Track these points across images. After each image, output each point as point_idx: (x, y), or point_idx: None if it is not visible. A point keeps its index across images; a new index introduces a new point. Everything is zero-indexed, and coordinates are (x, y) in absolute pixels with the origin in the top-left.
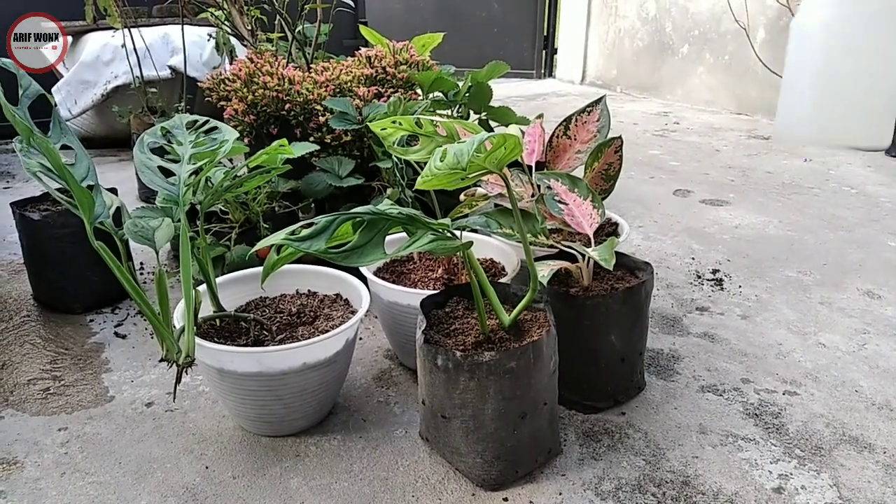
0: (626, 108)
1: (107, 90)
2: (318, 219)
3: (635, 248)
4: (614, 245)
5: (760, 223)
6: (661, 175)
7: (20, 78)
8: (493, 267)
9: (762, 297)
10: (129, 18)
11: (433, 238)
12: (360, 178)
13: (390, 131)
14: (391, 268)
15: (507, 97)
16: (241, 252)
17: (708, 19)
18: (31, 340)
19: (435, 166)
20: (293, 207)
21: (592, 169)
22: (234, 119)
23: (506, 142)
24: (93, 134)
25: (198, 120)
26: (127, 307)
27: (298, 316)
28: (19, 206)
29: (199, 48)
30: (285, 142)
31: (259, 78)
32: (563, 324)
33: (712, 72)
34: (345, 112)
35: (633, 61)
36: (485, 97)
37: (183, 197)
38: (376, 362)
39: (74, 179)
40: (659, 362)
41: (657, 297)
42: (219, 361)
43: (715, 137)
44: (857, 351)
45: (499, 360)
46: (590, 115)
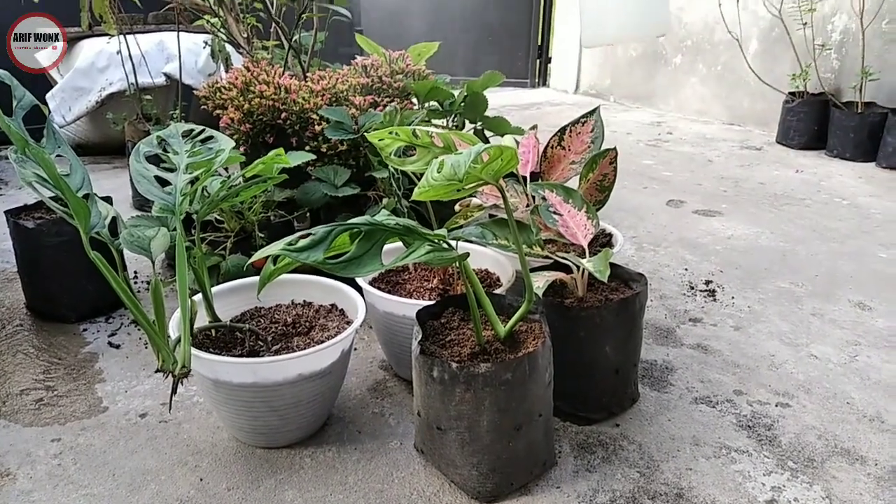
0: (619, 118)
1: (101, 97)
2: (316, 229)
3: (629, 258)
4: (609, 257)
5: (753, 234)
6: (654, 185)
7: (14, 89)
8: (488, 277)
9: (755, 308)
10: (124, 25)
11: (430, 249)
12: (356, 187)
13: (387, 142)
14: (387, 277)
15: (502, 106)
16: (236, 261)
17: (701, 30)
18: (24, 350)
19: (432, 177)
20: (289, 217)
21: (587, 180)
22: (230, 127)
23: (502, 154)
24: (87, 141)
25: (194, 129)
26: (121, 316)
27: (294, 326)
28: (13, 214)
29: (194, 55)
30: (282, 151)
31: (255, 87)
32: (557, 335)
33: (705, 82)
34: (341, 122)
35: (626, 71)
36: (480, 107)
37: (179, 207)
38: (371, 373)
39: (70, 189)
40: (653, 373)
41: (651, 308)
42: (214, 372)
43: (707, 148)
44: (848, 363)
45: (495, 372)
46: (584, 126)
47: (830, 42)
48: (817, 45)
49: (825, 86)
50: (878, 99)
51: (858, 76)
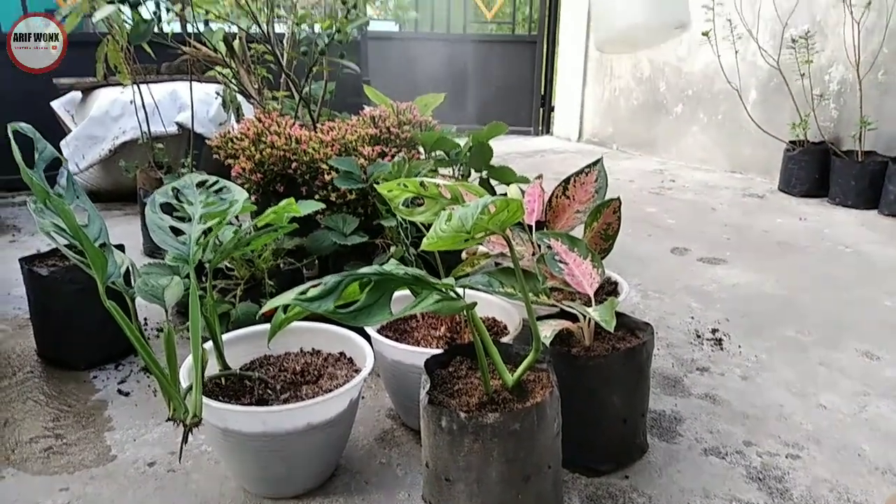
0: (622, 166)
1: (115, 145)
2: (327, 279)
3: (634, 306)
4: (614, 306)
5: (757, 282)
6: (658, 232)
7: (36, 141)
8: (495, 325)
9: (761, 356)
10: (138, 75)
11: (439, 298)
12: (364, 235)
13: (397, 193)
14: (394, 325)
15: (507, 153)
16: (246, 309)
17: (701, 80)
18: (34, 397)
19: (441, 229)
20: (298, 264)
21: (591, 229)
22: (242, 177)
23: (508, 206)
24: (98, 188)
25: (207, 180)
26: (130, 363)
27: (302, 374)
28: (28, 261)
29: (206, 105)
30: (293, 201)
31: (267, 137)
32: (564, 384)
33: (706, 131)
34: (350, 171)
35: (628, 120)
36: (485, 157)
37: (193, 256)
38: (378, 422)
39: (89, 240)
40: (661, 423)
41: (657, 357)
42: (223, 421)
43: (710, 195)
44: (858, 413)
45: (503, 422)
46: (587, 176)
47: (828, 92)
48: (815, 95)
49: (825, 134)
50: (877, 147)
51: (857, 125)
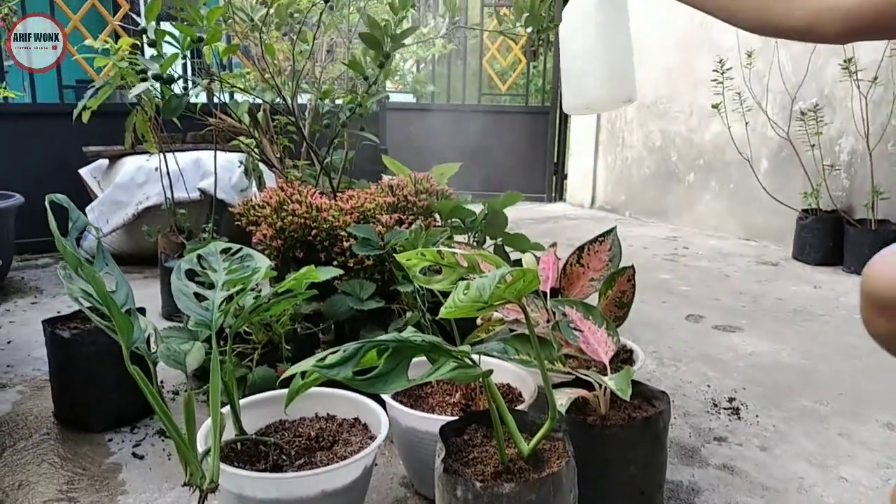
0: (635, 233)
1: (138, 210)
2: (346, 346)
3: (650, 374)
4: (630, 375)
5: (774, 350)
6: (672, 300)
7: (71, 211)
8: (510, 392)
9: (780, 427)
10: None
11: (455, 366)
12: (380, 301)
13: (415, 262)
14: (409, 391)
15: (521, 219)
16: (263, 374)
17: (712, 149)
18: (49, 459)
19: (459, 298)
20: (314, 328)
21: (606, 297)
22: (262, 243)
23: (525, 276)
24: (120, 251)
25: (231, 247)
26: (145, 426)
27: (317, 440)
28: (50, 323)
29: (228, 172)
30: (313, 268)
31: (289, 206)
32: (580, 454)
33: (718, 199)
34: (368, 238)
35: (640, 187)
36: (500, 224)
37: (215, 322)
38: (392, 490)
39: (117, 307)
40: (679, 495)
41: (674, 426)
42: (239, 487)
43: (724, 263)
44: (880, 486)
45: (519, 493)
46: (601, 245)
47: (839, 162)
48: (826, 166)
49: (837, 203)
50: (890, 216)
51: (869, 194)
